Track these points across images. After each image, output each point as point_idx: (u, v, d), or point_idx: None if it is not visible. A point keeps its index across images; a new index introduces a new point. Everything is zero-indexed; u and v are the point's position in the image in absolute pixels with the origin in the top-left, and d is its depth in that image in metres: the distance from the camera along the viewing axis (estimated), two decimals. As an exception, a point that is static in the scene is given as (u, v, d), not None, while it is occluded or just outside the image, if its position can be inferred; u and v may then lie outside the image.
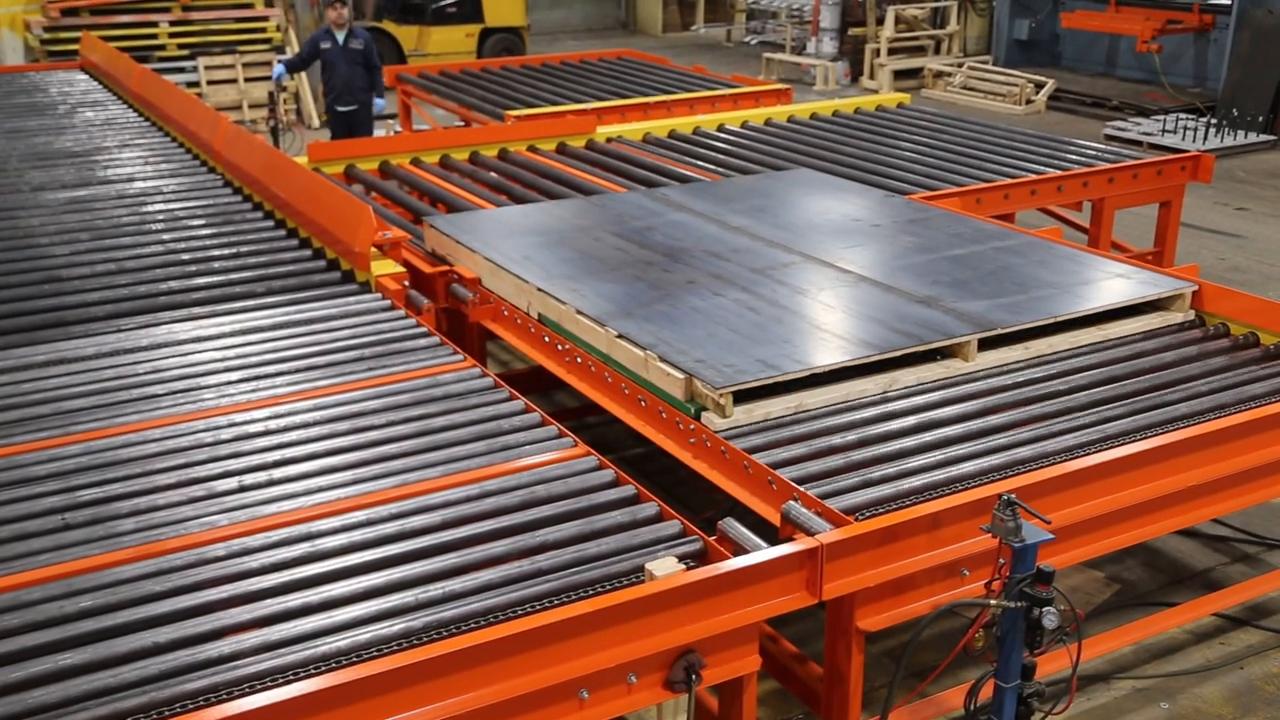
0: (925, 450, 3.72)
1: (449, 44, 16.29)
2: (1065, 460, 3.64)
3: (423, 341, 4.54)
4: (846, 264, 5.12)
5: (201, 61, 13.89)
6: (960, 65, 16.54)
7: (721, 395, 3.85)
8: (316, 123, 13.58)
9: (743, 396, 3.92)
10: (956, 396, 4.08)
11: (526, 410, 3.96)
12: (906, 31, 17.26)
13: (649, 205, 6.09)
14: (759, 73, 17.02)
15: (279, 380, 4.19)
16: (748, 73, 14.13)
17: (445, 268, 5.27)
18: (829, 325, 4.42)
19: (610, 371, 4.26)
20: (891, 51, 16.87)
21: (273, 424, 3.83)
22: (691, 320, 4.45)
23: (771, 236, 5.53)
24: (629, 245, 5.40)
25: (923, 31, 17.54)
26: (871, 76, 16.79)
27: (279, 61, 10.85)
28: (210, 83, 13.88)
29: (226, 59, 13.99)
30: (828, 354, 4.15)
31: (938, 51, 17.61)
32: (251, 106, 13.86)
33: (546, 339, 4.66)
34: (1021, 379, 4.21)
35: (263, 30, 14.37)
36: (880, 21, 17.02)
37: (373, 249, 5.14)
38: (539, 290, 4.80)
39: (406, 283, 5.04)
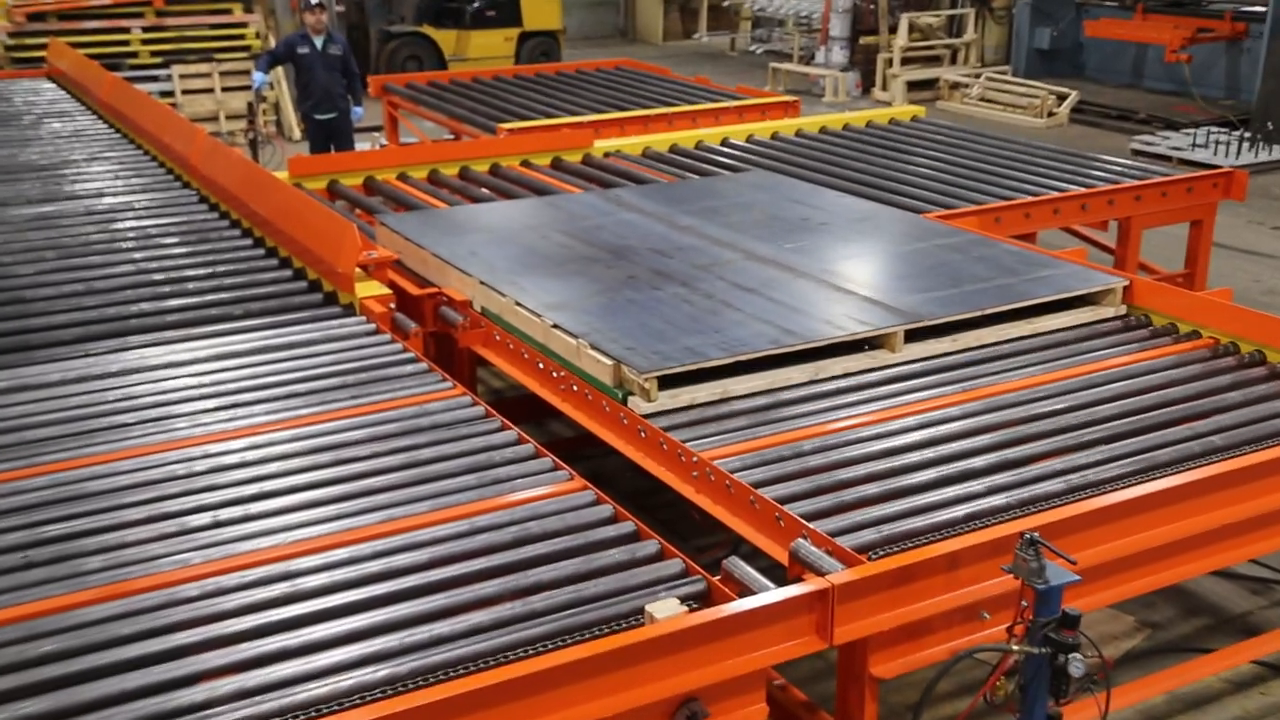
0: (940, 485, 3.72)
1: (488, 48, 16.78)
2: (1092, 495, 3.64)
3: (409, 368, 4.55)
4: (788, 261, 5.44)
5: (176, 70, 13.97)
6: (978, 76, 16.64)
7: (646, 380, 4.18)
8: (297, 135, 13.64)
9: (670, 382, 4.25)
10: (973, 428, 4.09)
11: (520, 441, 3.97)
12: (921, 40, 17.37)
13: (600, 205, 6.43)
14: (765, 83, 17.12)
15: (257, 409, 4.19)
16: (753, 83, 14.18)
17: (434, 290, 5.29)
18: (761, 316, 4.74)
19: (609, 401, 4.28)
20: (905, 61, 16.98)
21: (250, 455, 3.83)
22: (626, 312, 4.79)
23: (718, 235, 5.84)
24: (575, 243, 5.72)
25: (938, 40, 17.66)
26: (884, 88, 16.89)
27: (257, 69, 10.94)
28: (185, 92, 13.96)
29: (203, 67, 14.07)
30: (755, 343, 4.47)
31: (954, 61, 17.72)
32: (229, 118, 13.94)
33: (540, 365, 4.67)
34: (1043, 410, 4.21)
35: (241, 38, 14.46)
36: (893, 30, 17.13)
37: (357, 270, 5.16)
38: (481, 284, 5.12)
39: (393, 305, 5.05)
